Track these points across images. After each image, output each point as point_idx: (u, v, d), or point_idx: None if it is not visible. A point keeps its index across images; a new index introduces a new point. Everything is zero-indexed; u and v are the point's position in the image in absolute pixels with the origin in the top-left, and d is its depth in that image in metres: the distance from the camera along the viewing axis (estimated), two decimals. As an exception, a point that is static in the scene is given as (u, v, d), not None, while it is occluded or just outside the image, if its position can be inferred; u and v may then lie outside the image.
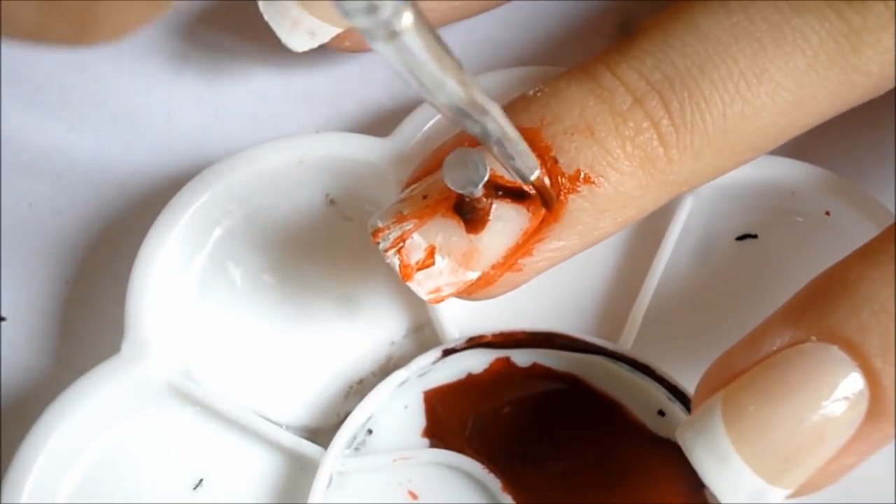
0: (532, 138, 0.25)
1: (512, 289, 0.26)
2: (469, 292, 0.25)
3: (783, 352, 0.23)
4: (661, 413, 0.29)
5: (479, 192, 0.23)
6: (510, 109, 0.26)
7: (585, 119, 0.25)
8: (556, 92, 0.25)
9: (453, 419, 0.29)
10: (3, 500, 0.28)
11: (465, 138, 0.26)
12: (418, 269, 0.24)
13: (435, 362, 0.29)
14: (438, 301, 0.25)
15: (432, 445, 0.29)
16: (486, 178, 0.22)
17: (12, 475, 0.28)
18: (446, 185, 0.23)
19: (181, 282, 0.29)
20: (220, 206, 0.29)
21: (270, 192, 0.29)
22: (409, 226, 0.24)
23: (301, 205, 0.30)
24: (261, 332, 0.30)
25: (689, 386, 0.28)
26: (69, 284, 0.31)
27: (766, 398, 0.23)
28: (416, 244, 0.24)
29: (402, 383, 0.29)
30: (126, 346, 0.28)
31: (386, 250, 0.24)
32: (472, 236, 0.24)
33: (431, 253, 0.24)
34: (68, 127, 0.32)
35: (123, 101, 0.32)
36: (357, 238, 0.30)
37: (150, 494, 0.29)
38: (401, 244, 0.24)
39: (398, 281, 0.24)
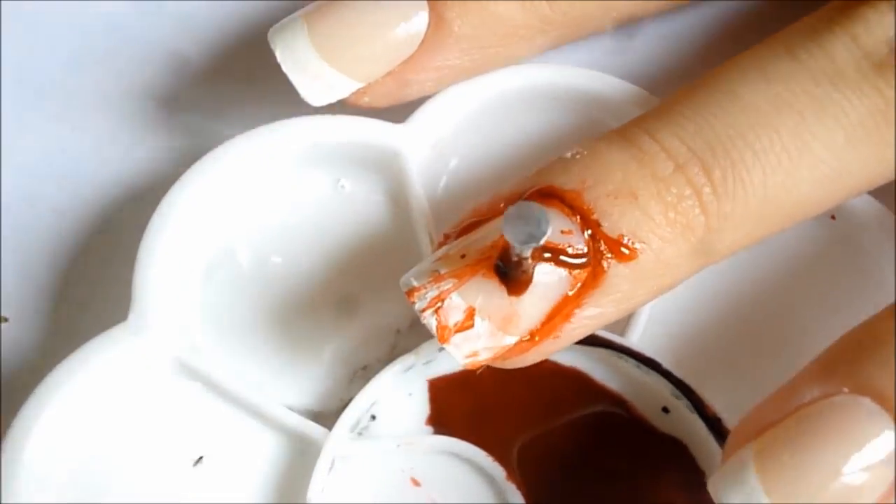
0: (573, 200, 0.24)
1: (546, 356, 0.25)
2: (504, 357, 0.24)
3: (815, 404, 0.23)
4: (666, 410, 0.29)
5: (539, 244, 0.22)
6: (548, 171, 0.25)
7: (629, 183, 0.24)
8: (597, 155, 0.25)
9: (457, 408, 0.29)
10: (2, 472, 0.27)
11: (500, 198, 0.25)
12: (457, 331, 0.23)
13: (441, 349, 0.29)
14: (475, 367, 0.24)
15: (436, 434, 0.29)
16: (548, 234, 0.21)
17: (10, 445, 0.27)
18: (487, 245, 0.22)
19: (190, 257, 0.29)
20: (231, 183, 0.29)
21: (283, 173, 0.29)
22: (447, 285, 0.23)
23: (313, 188, 0.30)
24: (268, 312, 0.30)
25: (695, 382, 0.28)
26: (71, 285, 0.31)
27: (800, 449, 0.23)
28: (456, 305, 0.23)
29: (409, 369, 0.29)
30: (132, 318, 0.28)
31: (423, 310, 0.23)
32: (513, 298, 0.23)
33: (471, 315, 0.23)
34: (70, 128, 0.31)
35: (125, 102, 0.32)
36: (367, 223, 0.30)
37: (150, 469, 0.29)
38: (439, 304, 0.23)
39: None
